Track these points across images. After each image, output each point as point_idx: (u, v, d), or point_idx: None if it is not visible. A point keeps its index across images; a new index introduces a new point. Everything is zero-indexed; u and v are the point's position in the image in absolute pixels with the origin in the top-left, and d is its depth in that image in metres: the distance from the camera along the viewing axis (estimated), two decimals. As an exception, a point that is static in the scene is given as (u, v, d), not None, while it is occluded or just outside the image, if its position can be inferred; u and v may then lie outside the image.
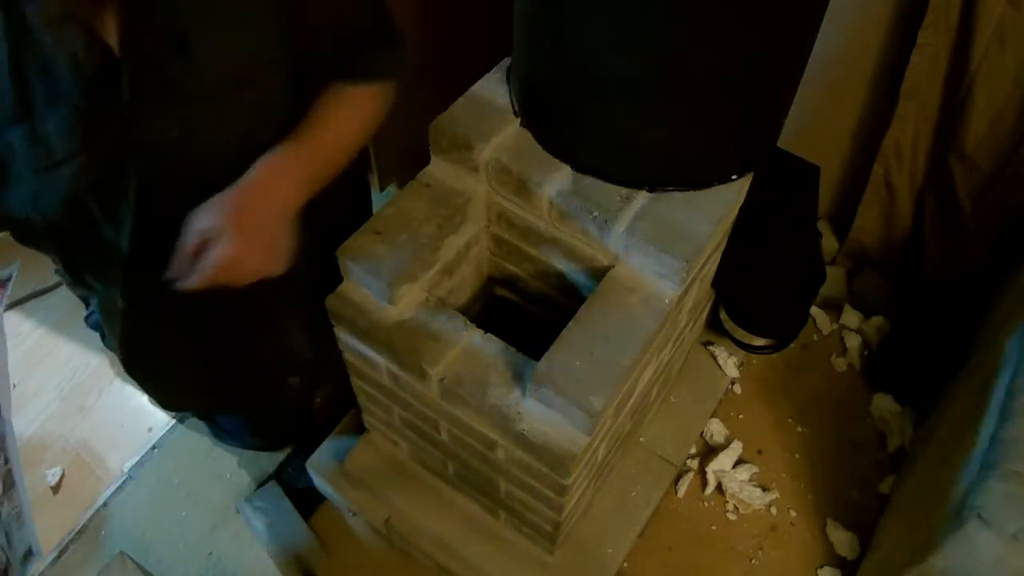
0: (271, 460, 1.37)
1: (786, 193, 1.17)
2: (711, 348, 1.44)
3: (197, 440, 1.42)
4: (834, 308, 1.53)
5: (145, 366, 1.10)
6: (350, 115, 0.88)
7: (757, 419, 1.40)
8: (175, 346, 1.06)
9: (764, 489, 1.31)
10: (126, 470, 1.39)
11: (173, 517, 1.33)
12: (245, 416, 1.25)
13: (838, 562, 1.25)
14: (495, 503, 1.04)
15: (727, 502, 1.30)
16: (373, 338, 0.86)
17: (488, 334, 0.85)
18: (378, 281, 0.84)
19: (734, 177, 0.89)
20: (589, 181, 0.87)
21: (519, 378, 0.81)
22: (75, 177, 0.79)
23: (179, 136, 0.80)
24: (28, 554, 0.81)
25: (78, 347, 1.57)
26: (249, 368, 1.10)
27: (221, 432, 1.30)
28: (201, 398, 1.22)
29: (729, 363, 1.43)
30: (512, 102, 0.94)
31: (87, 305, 1.53)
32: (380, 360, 0.90)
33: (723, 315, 1.41)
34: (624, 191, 0.86)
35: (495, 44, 0.96)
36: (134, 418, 1.47)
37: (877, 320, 1.49)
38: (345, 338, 0.93)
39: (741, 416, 1.40)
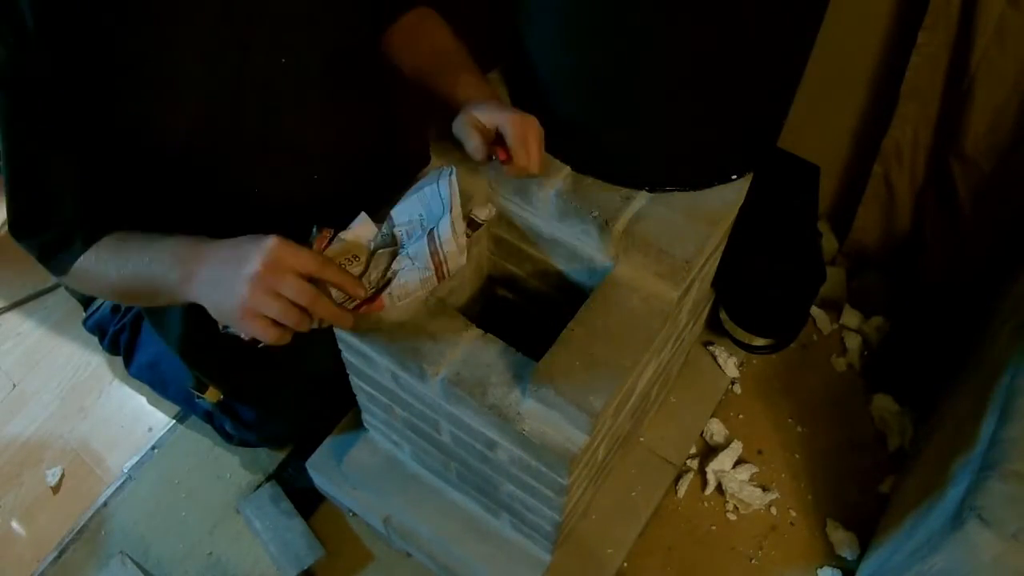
0: (271, 460, 1.37)
1: (786, 193, 1.17)
2: (711, 348, 1.44)
3: (197, 440, 1.42)
4: (834, 308, 1.53)
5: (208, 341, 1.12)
6: (448, 32, 1.01)
7: (757, 419, 1.40)
8: None
9: (764, 489, 1.31)
10: (126, 470, 1.39)
11: (173, 517, 1.33)
12: (282, 398, 1.26)
13: (838, 562, 1.25)
14: (495, 503, 1.04)
15: (727, 502, 1.31)
16: (373, 338, 0.86)
17: (488, 334, 0.85)
18: (378, 281, 0.84)
19: (734, 177, 0.89)
20: (589, 181, 0.87)
21: (519, 378, 0.81)
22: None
23: (287, 64, 0.87)
24: None
25: (78, 347, 1.57)
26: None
27: (237, 426, 1.29)
28: (257, 376, 1.23)
29: (729, 363, 1.43)
30: (512, 101, 0.94)
31: (85, 308, 1.53)
32: (380, 360, 0.90)
33: (723, 315, 1.41)
34: (624, 191, 0.86)
35: (494, 45, 0.96)
36: (134, 418, 1.47)
37: (877, 320, 1.49)
38: (345, 338, 0.93)
39: (741, 416, 1.40)
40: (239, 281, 0.69)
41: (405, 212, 0.82)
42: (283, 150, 0.93)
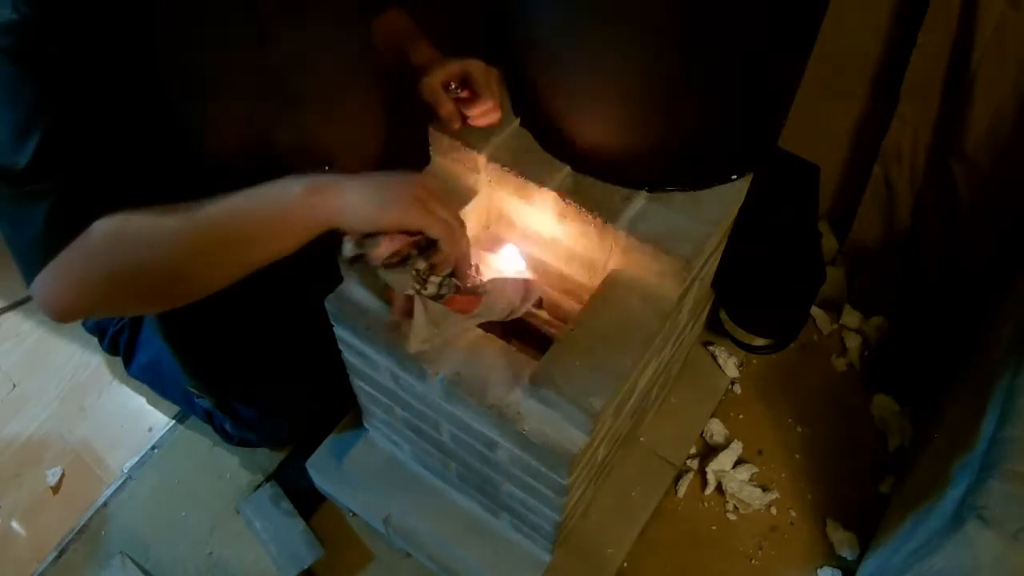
0: (271, 460, 1.37)
1: (786, 193, 1.17)
2: (711, 348, 1.44)
3: (197, 440, 1.42)
4: (834, 308, 1.53)
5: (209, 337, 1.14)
6: (400, 13, 1.06)
7: (757, 419, 1.40)
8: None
9: (764, 489, 1.31)
10: (126, 470, 1.39)
11: (173, 517, 1.33)
12: (282, 398, 1.26)
13: (838, 562, 1.25)
14: (495, 503, 1.04)
15: (727, 502, 1.31)
16: (373, 338, 0.86)
17: (488, 334, 0.86)
18: (378, 280, 0.84)
19: (734, 177, 0.89)
20: (589, 181, 0.87)
21: (519, 378, 0.81)
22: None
23: (306, 59, 0.89)
24: None
25: (78, 347, 1.57)
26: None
27: (238, 425, 1.29)
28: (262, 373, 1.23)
29: (729, 363, 1.43)
30: (512, 102, 0.94)
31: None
32: (380, 360, 0.90)
33: (723, 315, 1.41)
34: (624, 191, 0.86)
35: (494, 45, 0.96)
36: (134, 418, 1.47)
37: (877, 320, 1.49)
38: (345, 338, 0.93)
39: (741, 416, 1.40)
40: (407, 182, 0.74)
41: None
42: (305, 149, 0.93)
